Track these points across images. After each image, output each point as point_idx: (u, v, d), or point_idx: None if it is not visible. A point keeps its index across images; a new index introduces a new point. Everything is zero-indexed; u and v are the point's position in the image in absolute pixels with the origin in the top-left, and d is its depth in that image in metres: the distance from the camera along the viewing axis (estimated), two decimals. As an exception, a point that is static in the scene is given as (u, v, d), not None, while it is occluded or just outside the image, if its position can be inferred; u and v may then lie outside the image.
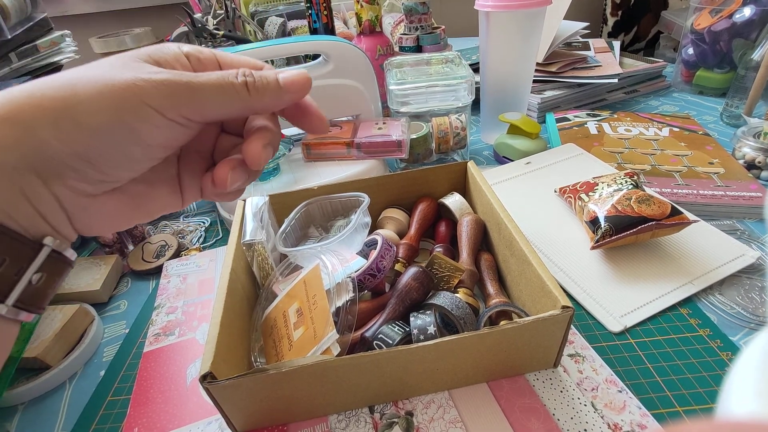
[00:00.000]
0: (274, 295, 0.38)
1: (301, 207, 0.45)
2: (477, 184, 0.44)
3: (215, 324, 0.30)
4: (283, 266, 0.40)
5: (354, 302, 0.33)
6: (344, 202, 0.46)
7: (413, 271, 0.36)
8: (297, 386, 0.30)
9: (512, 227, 0.37)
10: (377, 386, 0.32)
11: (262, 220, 0.40)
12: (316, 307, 0.32)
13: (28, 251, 0.19)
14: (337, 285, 0.34)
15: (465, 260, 0.40)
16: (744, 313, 0.37)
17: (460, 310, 0.33)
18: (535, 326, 0.30)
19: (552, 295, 0.30)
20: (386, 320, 0.34)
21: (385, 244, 0.39)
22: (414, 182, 0.48)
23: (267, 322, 0.36)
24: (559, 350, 0.33)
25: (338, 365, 0.29)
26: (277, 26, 0.82)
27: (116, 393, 0.37)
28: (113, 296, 0.48)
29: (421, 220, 0.46)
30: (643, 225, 0.40)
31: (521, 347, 0.32)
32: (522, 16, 0.58)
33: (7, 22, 0.55)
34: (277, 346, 0.34)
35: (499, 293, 0.38)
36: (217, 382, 0.27)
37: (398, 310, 0.35)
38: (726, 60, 0.78)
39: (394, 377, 0.31)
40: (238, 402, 0.30)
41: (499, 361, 0.33)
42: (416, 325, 0.32)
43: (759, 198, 0.49)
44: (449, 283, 0.38)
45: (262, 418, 0.32)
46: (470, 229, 0.42)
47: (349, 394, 0.32)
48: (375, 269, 0.37)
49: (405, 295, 0.35)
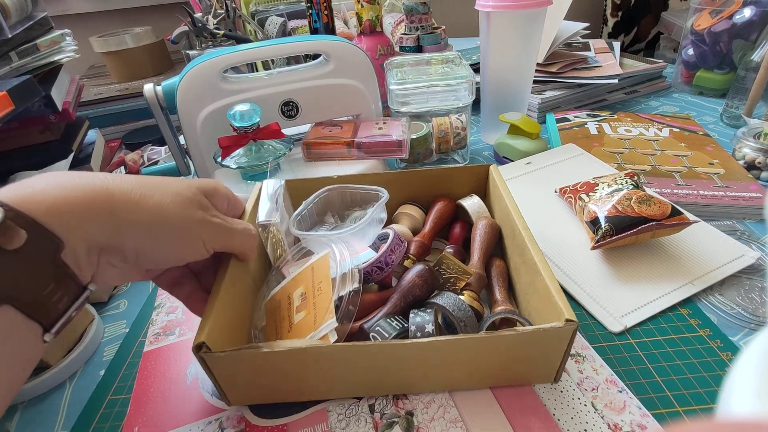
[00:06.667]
0: (282, 277, 0.38)
1: (321, 192, 0.45)
2: (497, 188, 0.43)
3: (214, 296, 0.31)
4: (296, 249, 0.40)
5: (357, 293, 0.33)
6: (363, 195, 0.46)
7: (419, 269, 0.36)
8: (289, 367, 0.30)
9: (526, 235, 0.36)
10: (370, 378, 0.32)
11: (277, 203, 0.39)
12: (320, 293, 0.32)
13: (78, 292, 0.25)
14: (343, 274, 0.34)
15: (475, 264, 0.40)
16: (744, 313, 0.38)
17: (462, 312, 0.33)
18: (536, 336, 0.29)
19: (557, 307, 0.29)
20: (386, 314, 0.34)
21: (396, 239, 0.39)
22: (434, 181, 0.47)
23: (272, 302, 0.36)
24: (560, 365, 0.32)
25: (329, 352, 0.29)
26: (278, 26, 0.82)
27: (116, 392, 0.37)
28: (113, 295, 0.48)
29: (436, 219, 0.45)
30: (643, 225, 0.40)
31: (521, 357, 0.31)
32: (522, 16, 0.58)
33: (7, 21, 0.55)
34: (277, 326, 0.34)
35: (506, 301, 0.37)
36: (211, 354, 0.28)
37: (399, 305, 0.35)
38: (726, 61, 0.78)
39: (388, 371, 0.31)
40: (232, 375, 0.31)
41: (497, 369, 0.32)
42: (415, 321, 0.32)
43: (759, 199, 0.49)
44: (455, 285, 0.38)
45: (255, 394, 0.33)
46: (484, 233, 0.42)
47: (342, 381, 0.32)
48: (383, 263, 0.37)
49: (408, 291, 0.35)
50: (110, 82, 0.91)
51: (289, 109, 0.59)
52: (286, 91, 0.58)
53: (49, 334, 0.23)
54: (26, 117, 0.59)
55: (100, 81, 0.92)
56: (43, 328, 0.23)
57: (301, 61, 0.70)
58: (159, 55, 0.95)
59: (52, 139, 0.63)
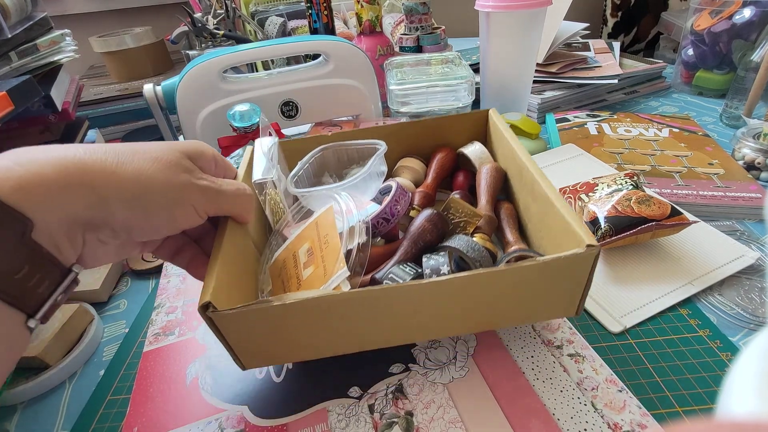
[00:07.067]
0: (284, 239, 0.36)
1: (316, 151, 0.43)
2: (498, 132, 0.42)
3: (214, 256, 0.29)
4: (295, 210, 0.38)
5: (366, 246, 0.31)
6: (361, 150, 0.44)
7: (427, 213, 0.34)
8: (302, 321, 0.29)
9: (534, 170, 0.34)
10: (386, 327, 0.30)
11: (272, 160, 0.38)
12: (327, 245, 0.31)
13: (60, 275, 0.23)
14: (350, 228, 0.32)
15: (484, 207, 0.38)
16: (744, 313, 0.38)
17: (476, 252, 0.31)
18: (557, 265, 0.28)
19: (576, 235, 0.28)
20: (398, 262, 0.33)
21: (399, 189, 0.38)
22: (432, 131, 0.46)
23: (276, 264, 0.35)
24: (582, 296, 0.30)
25: (344, 299, 0.28)
26: (278, 26, 0.82)
27: (116, 392, 0.37)
28: (113, 296, 0.48)
29: (438, 170, 0.44)
30: (643, 225, 0.40)
31: (542, 290, 0.30)
32: (522, 16, 0.58)
33: (7, 21, 0.55)
34: (285, 286, 0.32)
35: (519, 241, 0.36)
36: (219, 313, 0.26)
37: (411, 252, 0.33)
38: (726, 61, 0.78)
39: (403, 316, 0.30)
40: (243, 335, 0.29)
41: (516, 305, 0.30)
42: (429, 265, 0.30)
43: (759, 199, 0.49)
44: (465, 229, 0.36)
45: (269, 355, 0.31)
46: (490, 176, 0.40)
47: (359, 334, 0.30)
48: (389, 213, 0.36)
49: (418, 237, 0.33)
50: (110, 82, 0.91)
51: (289, 110, 0.59)
52: (285, 91, 0.58)
53: (34, 320, 0.22)
54: (26, 117, 0.59)
55: (100, 81, 0.92)
56: (25, 314, 0.22)
57: (301, 61, 0.70)
58: (159, 55, 0.95)
59: (51, 139, 0.63)
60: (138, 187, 0.24)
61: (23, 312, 0.22)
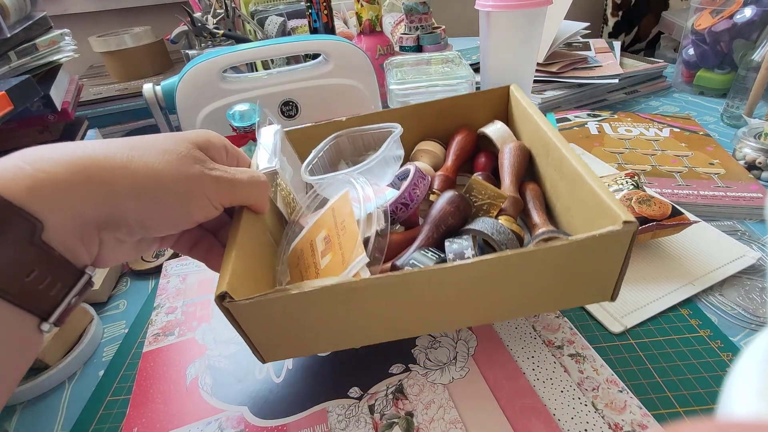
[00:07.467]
0: (300, 228, 0.35)
1: (330, 139, 0.42)
2: (521, 108, 0.39)
3: (230, 246, 0.28)
4: (310, 199, 0.37)
5: (385, 232, 0.30)
6: (376, 135, 0.42)
7: (448, 195, 0.32)
8: (322, 310, 0.27)
9: (563, 145, 0.32)
10: (407, 315, 0.28)
11: (275, 149, 0.36)
12: (344, 232, 0.29)
13: (73, 277, 0.23)
14: (368, 215, 0.30)
15: (508, 188, 0.36)
16: (744, 313, 0.37)
17: (502, 235, 0.29)
18: (591, 244, 0.25)
19: (611, 212, 0.26)
20: (419, 247, 0.31)
21: (417, 173, 0.36)
22: (451, 111, 0.44)
23: (293, 254, 0.34)
24: (618, 278, 0.28)
25: (364, 286, 0.26)
26: (277, 25, 0.82)
27: (116, 393, 0.37)
28: (112, 296, 0.48)
29: (458, 152, 0.41)
30: (643, 225, 0.40)
31: (575, 273, 0.27)
32: (522, 16, 0.58)
33: (6, 21, 0.55)
34: (303, 276, 0.31)
35: (546, 223, 0.33)
36: (236, 303, 0.25)
37: (432, 237, 0.31)
38: (727, 61, 0.78)
39: (427, 303, 0.28)
40: (261, 326, 0.28)
41: (547, 290, 0.28)
42: (452, 249, 0.29)
43: (759, 199, 0.48)
44: (489, 212, 0.34)
45: (289, 347, 0.30)
46: (513, 156, 0.38)
47: (377, 323, 0.29)
48: (407, 198, 0.34)
49: (440, 220, 0.32)
50: (109, 81, 0.91)
51: (289, 109, 0.59)
52: (285, 91, 0.58)
53: (47, 324, 0.22)
54: (25, 117, 0.59)
55: (100, 81, 0.92)
56: (37, 317, 0.22)
57: (301, 60, 0.70)
58: (158, 55, 0.95)
59: (51, 139, 0.63)
60: (149, 180, 0.23)
61: (35, 315, 0.21)
